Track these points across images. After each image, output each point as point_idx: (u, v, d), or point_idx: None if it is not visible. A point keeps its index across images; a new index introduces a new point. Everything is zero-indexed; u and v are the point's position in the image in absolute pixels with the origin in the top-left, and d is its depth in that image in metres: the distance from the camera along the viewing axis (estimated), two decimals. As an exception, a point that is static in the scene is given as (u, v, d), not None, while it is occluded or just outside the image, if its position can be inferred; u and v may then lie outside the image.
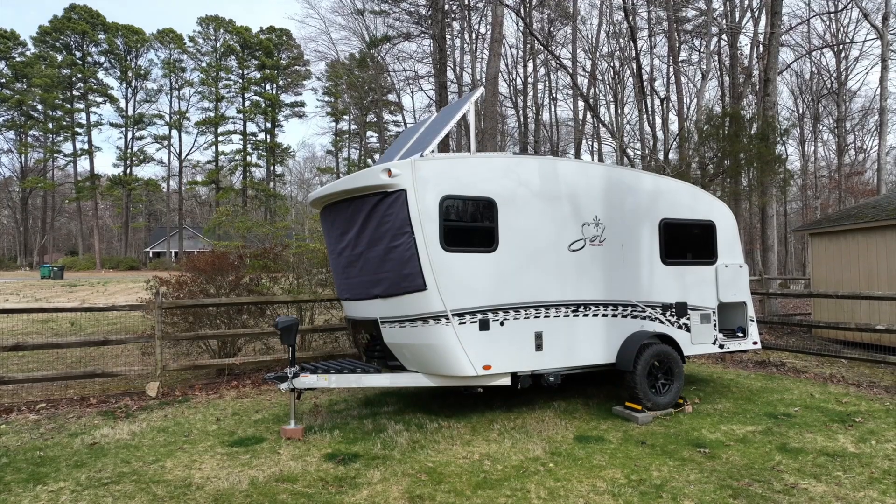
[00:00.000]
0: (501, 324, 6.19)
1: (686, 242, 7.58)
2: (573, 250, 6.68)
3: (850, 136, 46.75)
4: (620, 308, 6.96)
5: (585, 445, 5.75)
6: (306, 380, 6.21)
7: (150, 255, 70.41)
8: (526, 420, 6.60)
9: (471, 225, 6.16)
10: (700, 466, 5.16)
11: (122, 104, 61.81)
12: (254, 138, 63.56)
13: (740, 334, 7.96)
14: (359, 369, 6.43)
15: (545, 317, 6.44)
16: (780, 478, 4.88)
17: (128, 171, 61.99)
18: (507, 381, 6.35)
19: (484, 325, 6.09)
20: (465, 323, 5.99)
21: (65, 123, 59.66)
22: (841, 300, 11.87)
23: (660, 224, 7.34)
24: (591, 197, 6.87)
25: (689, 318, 7.43)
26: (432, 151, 6.15)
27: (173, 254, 67.10)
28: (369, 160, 58.07)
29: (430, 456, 5.49)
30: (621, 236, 7.05)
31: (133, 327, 18.67)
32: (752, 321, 8.00)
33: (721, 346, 7.69)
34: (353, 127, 63.30)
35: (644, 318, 7.11)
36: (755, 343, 8.01)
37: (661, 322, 7.23)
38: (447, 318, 5.91)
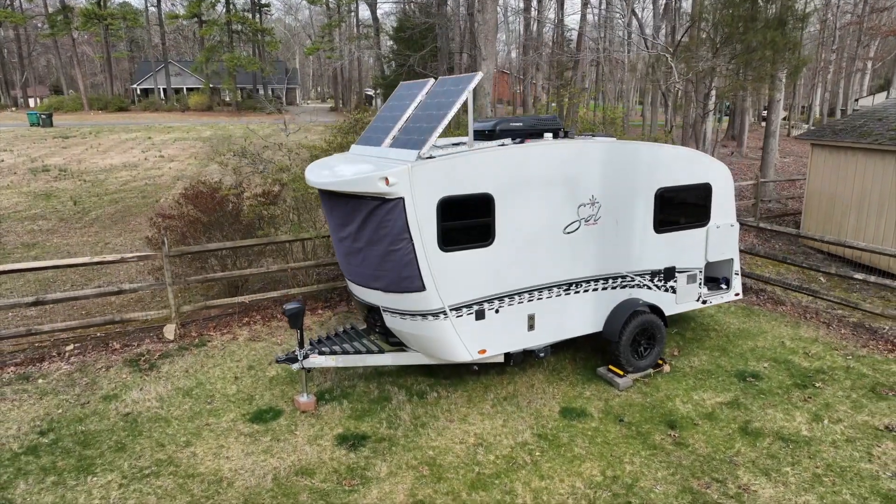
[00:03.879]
0: (496, 311, 6.56)
1: (681, 208, 7.65)
2: (568, 233, 6.82)
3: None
4: (611, 281, 7.28)
5: (569, 424, 6.45)
6: (315, 360, 6.73)
7: (138, 91, 68.01)
8: (517, 387, 7.25)
9: (468, 222, 6.23)
10: (668, 458, 5.87)
11: (84, -78, 55.77)
12: (234, -37, 58.16)
13: (724, 286, 8.37)
14: (364, 349, 6.93)
15: (538, 299, 6.79)
16: (736, 475, 5.60)
17: (101, 2, 57.67)
18: (501, 359, 6.89)
19: (480, 315, 6.47)
20: (461, 316, 6.36)
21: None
22: (832, 209, 12.13)
23: (656, 194, 7.36)
24: (588, 178, 6.83)
25: (675, 281, 7.77)
26: (430, 147, 6.05)
27: (161, 91, 64.85)
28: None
29: (430, 439, 6.20)
30: (616, 212, 7.12)
31: (135, 207, 19.02)
32: (737, 274, 8.36)
33: (704, 302, 8.14)
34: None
35: (633, 286, 7.45)
36: (737, 294, 8.45)
37: (649, 288, 7.59)
38: (445, 314, 6.27)
